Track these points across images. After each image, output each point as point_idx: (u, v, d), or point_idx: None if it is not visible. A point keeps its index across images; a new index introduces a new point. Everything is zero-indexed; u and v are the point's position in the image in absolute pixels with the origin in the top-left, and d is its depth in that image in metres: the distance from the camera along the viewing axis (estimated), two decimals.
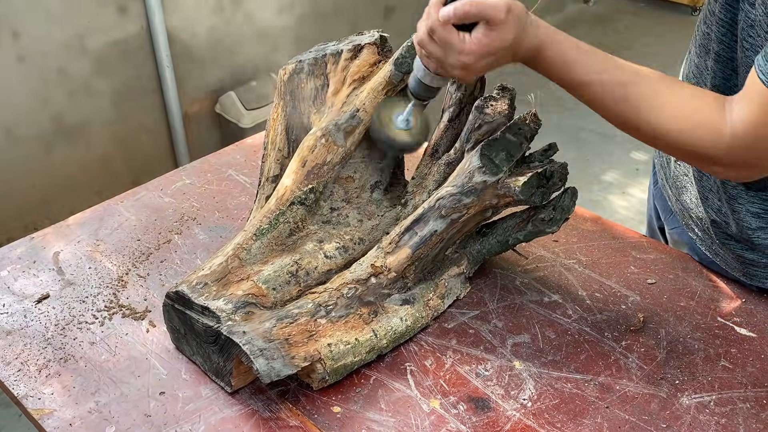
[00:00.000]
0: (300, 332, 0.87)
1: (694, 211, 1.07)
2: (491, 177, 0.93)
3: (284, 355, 0.84)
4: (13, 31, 2.17)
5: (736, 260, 1.04)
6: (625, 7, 4.69)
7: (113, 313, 1.02)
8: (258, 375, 0.82)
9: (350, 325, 0.90)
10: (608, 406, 0.88)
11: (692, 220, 1.09)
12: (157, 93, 2.62)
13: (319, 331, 0.88)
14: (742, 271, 1.05)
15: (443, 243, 0.97)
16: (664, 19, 4.51)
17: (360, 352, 0.90)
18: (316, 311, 0.89)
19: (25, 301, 1.04)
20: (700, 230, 1.08)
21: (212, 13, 2.67)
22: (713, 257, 1.09)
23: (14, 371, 0.93)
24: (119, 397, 0.89)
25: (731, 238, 1.02)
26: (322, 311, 0.89)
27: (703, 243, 1.09)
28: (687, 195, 1.08)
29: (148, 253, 1.14)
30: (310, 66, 1.06)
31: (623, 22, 4.43)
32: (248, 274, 0.90)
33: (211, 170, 1.34)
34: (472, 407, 0.88)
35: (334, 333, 0.89)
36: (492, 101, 0.97)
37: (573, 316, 1.01)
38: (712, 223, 1.04)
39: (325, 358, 0.87)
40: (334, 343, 0.88)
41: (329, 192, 1.01)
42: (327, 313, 0.89)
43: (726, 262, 1.06)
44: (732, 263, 1.05)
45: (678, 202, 1.12)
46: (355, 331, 0.90)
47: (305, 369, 0.87)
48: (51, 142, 2.39)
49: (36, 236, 1.18)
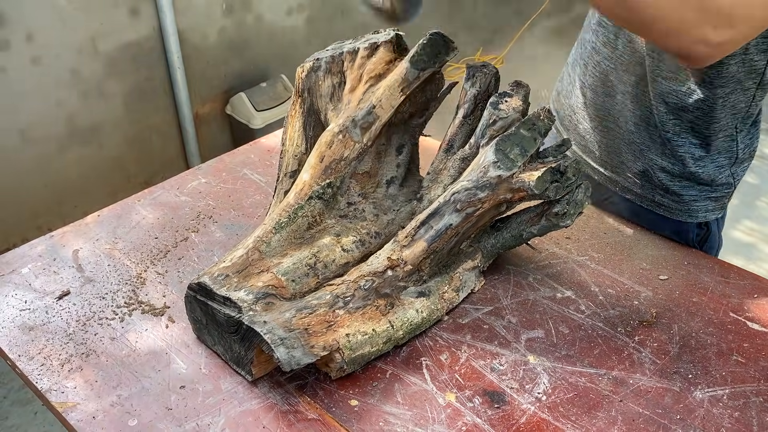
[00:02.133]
0: (319, 322, 0.88)
1: (631, 168, 1.20)
2: (506, 172, 0.94)
3: (304, 344, 0.85)
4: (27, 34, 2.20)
5: (679, 201, 1.19)
6: None
7: (133, 310, 1.04)
8: (279, 363, 0.83)
9: (367, 316, 0.92)
10: (622, 400, 0.89)
11: (630, 177, 1.22)
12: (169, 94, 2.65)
13: (337, 321, 0.89)
14: (686, 212, 1.20)
15: (458, 237, 0.98)
16: None
17: (377, 342, 0.92)
18: (335, 302, 0.90)
19: (46, 298, 1.06)
20: (639, 187, 1.21)
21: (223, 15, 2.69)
22: (655, 208, 1.21)
23: (37, 366, 0.95)
24: (141, 391, 0.91)
25: (675, 177, 1.17)
26: (340, 302, 0.91)
27: (643, 199, 1.22)
28: (625, 154, 1.20)
29: (165, 250, 1.15)
30: (327, 64, 1.07)
31: None
32: (268, 266, 0.92)
33: (226, 169, 1.36)
34: (488, 401, 0.89)
35: (351, 324, 0.90)
36: (506, 97, 0.98)
37: (586, 311, 1.02)
38: (661, 170, 1.17)
39: (344, 348, 0.88)
40: (352, 334, 0.89)
41: (346, 187, 1.03)
42: (345, 304, 0.91)
43: (669, 209, 1.20)
44: (674, 207, 1.19)
45: (614, 165, 1.23)
46: (372, 322, 0.92)
47: (324, 358, 0.88)
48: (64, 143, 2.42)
49: (55, 234, 1.20)
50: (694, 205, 1.19)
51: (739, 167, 1.19)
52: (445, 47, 1.02)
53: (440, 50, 1.02)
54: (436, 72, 1.05)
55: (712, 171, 1.16)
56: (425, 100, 1.08)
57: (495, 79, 1.05)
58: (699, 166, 1.15)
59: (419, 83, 1.03)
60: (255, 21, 2.81)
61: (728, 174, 1.18)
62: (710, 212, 1.20)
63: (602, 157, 1.24)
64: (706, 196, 1.18)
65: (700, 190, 1.18)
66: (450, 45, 1.02)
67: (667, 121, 1.13)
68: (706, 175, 1.16)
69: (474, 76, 1.05)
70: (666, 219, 1.20)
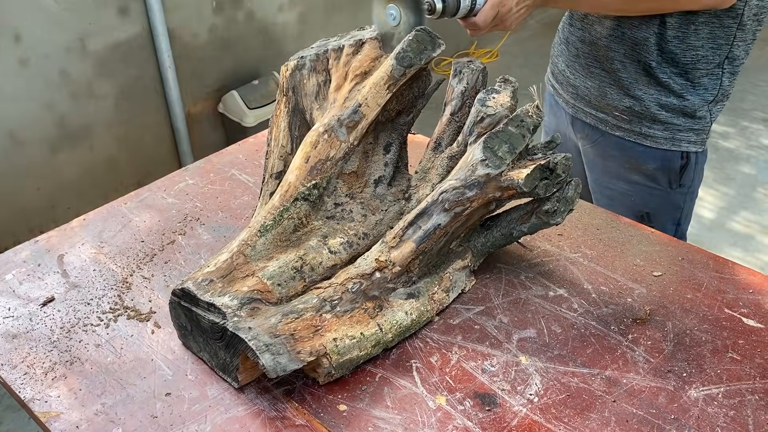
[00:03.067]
0: (305, 327, 0.87)
1: (618, 106, 1.35)
2: (494, 170, 0.92)
3: (290, 350, 0.83)
4: (14, 34, 2.17)
5: (664, 130, 1.33)
6: None
7: (118, 315, 1.02)
8: (264, 370, 0.82)
9: (355, 319, 0.90)
10: (615, 400, 0.88)
11: (618, 115, 1.36)
12: (160, 94, 2.63)
13: (324, 326, 0.88)
14: (671, 140, 1.34)
15: (447, 236, 0.96)
16: None
17: (365, 346, 0.90)
18: (321, 306, 0.89)
19: (30, 305, 1.04)
20: (627, 123, 1.35)
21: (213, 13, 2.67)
22: (642, 140, 1.34)
23: (20, 374, 0.93)
24: (125, 399, 0.89)
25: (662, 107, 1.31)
26: (327, 306, 0.89)
27: (631, 133, 1.36)
28: (612, 94, 1.35)
29: (152, 254, 1.14)
30: (312, 62, 1.05)
31: None
32: (253, 270, 0.90)
33: (214, 170, 1.34)
34: (479, 403, 0.88)
35: (339, 328, 0.88)
36: (494, 94, 0.96)
37: (579, 309, 1.01)
38: (649, 100, 1.31)
39: (331, 353, 0.87)
40: (340, 338, 0.88)
41: (333, 187, 1.01)
42: (332, 308, 0.89)
43: (655, 139, 1.34)
44: (659, 136, 1.34)
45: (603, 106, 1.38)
46: (361, 326, 0.90)
47: (311, 363, 0.86)
48: (55, 145, 2.40)
49: (40, 239, 1.18)
50: (678, 135, 1.33)
51: (715, 106, 1.33)
52: (432, 43, 1.00)
53: (426, 46, 1.00)
54: (423, 69, 1.03)
55: (697, 103, 1.30)
56: (412, 98, 1.06)
57: (482, 75, 1.04)
58: (682, 96, 1.30)
59: (406, 80, 1.01)
60: (246, 18, 2.79)
61: (707, 110, 1.32)
62: (692, 144, 1.35)
63: (593, 102, 1.39)
64: (689, 127, 1.33)
65: (684, 121, 1.32)
66: (436, 41, 1.01)
67: (650, 53, 1.27)
68: (690, 106, 1.30)
69: (461, 72, 1.04)
70: (652, 149, 1.35)
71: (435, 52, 1.01)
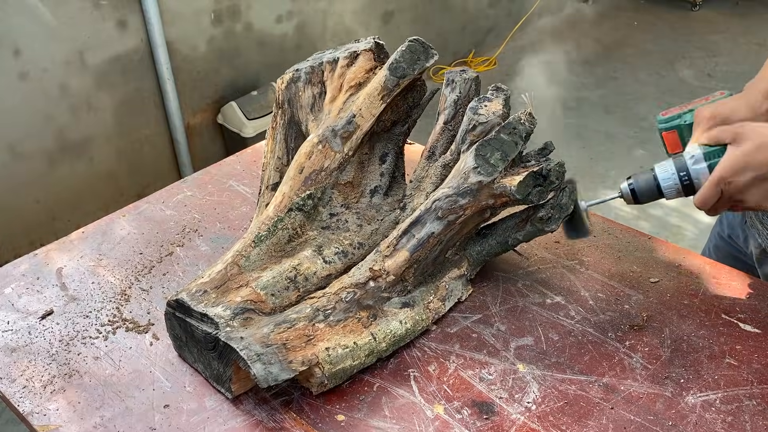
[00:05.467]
0: (297, 337, 0.87)
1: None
2: (486, 177, 0.93)
3: (281, 359, 0.84)
4: (14, 49, 2.19)
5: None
6: (625, 4, 4.68)
7: (117, 327, 1.03)
8: (255, 380, 0.82)
9: (349, 329, 0.90)
10: (613, 407, 0.88)
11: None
12: (159, 106, 2.64)
13: (317, 335, 0.88)
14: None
15: (442, 245, 0.97)
16: (663, 15, 4.50)
17: (359, 355, 0.90)
18: (314, 316, 0.89)
19: (29, 318, 1.05)
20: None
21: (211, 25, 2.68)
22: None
23: (19, 388, 0.94)
24: (124, 411, 0.90)
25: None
26: (320, 315, 0.89)
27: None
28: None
29: (150, 266, 1.14)
30: (307, 74, 1.06)
31: (622, 20, 4.42)
32: (247, 280, 0.91)
33: (212, 181, 1.35)
34: (477, 412, 0.88)
35: (332, 337, 0.89)
36: (486, 102, 0.97)
37: (576, 317, 1.01)
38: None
39: (323, 362, 0.87)
40: (332, 347, 0.88)
41: (328, 198, 1.01)
42: (325, 317, 0.90)
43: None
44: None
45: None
46: (354, 335, 0.90)
47: (304, 373, 0.87)
48: (55, 158, 2.41)
49: (39, 252, 1.18)
50: None
51: None
52: (425, 53, 1.01)
53: (419, 57, 1.01)
54: (417, 79, 1.04)
55: None
56: (407, 108, 1.07)
57: (475, 84, 1.04)
58: None
59: (399, 91, 1.02)
60: (244, 30, 2.81)
61: None
62: None
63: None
64: None
65: None
66: (429, 51, 1.01)
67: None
68: None
69: (453, 81, 1.04)
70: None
71: (428, 63, 1.01)
